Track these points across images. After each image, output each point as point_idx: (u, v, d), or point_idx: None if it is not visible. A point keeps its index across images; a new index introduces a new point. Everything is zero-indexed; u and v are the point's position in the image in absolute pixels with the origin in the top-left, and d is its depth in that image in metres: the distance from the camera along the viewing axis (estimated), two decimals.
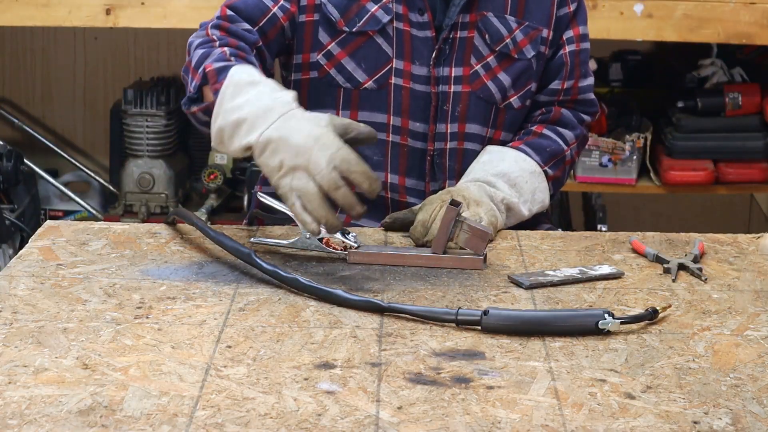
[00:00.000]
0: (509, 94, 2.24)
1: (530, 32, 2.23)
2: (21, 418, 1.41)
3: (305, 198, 1.83)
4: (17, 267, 1.89)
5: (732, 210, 4.66)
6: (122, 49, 4.56)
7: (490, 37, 2.21)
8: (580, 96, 2.32)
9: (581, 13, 2.30)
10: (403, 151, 2.22)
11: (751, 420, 1.45)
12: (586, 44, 2.31)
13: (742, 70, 4.09)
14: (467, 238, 1.94)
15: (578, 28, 2.29)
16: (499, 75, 2.23)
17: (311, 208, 1.82)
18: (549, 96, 2.30)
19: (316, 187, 1.82)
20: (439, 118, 2.22)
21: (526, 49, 2.23)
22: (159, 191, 4.24)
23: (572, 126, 2.31)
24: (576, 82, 2.31)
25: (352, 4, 2.18)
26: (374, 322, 1.72)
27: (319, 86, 2.21)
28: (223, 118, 1.94)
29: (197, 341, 1.64)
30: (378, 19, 2.18)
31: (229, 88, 1.95)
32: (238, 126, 1.91)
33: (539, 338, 1.67)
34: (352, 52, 2.19)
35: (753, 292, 1.87)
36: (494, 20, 2.21)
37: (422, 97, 2.20)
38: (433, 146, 2.23)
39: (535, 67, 2.25)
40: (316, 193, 1.82)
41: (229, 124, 1.92)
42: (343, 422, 1.42)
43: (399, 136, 2.21)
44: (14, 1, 3.63)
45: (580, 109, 2.33)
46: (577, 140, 2.31)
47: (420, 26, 2.19)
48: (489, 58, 2.22)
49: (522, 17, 2.23)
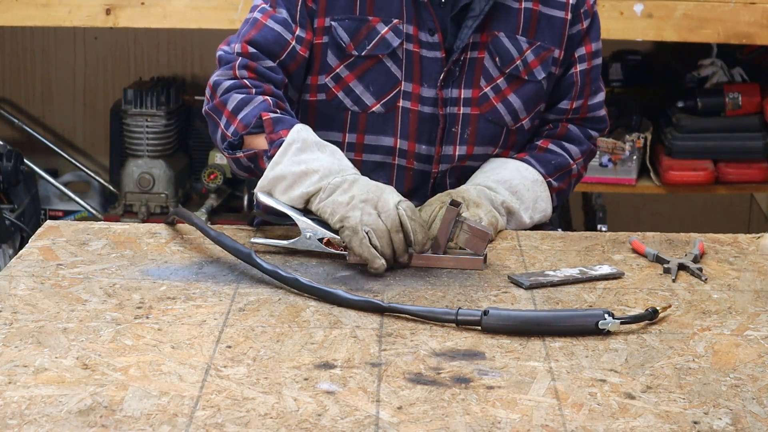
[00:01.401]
0: (521, 117, 2.22)
1: (541, 53, 2.20)
2: (21, 418, 1.41)
3: (375, 233, 1.89)
4: (17, 267, 1.89)
5: (732, 210, 4.66)
6: (122, 49, 4.56)
7: (500, 59, 2.18)
8: (589, 114, 2.30)
9: (594, 29, 2.26)
10: (408, 174, 2.21)
11: (751, 420, 1.45)
12: (598, 60, 2.28)
13: (742, 70, 4.08)
14: (467, 238, 1.94)
15: (591, 45, 2.26)
16: (509, 97, 2.20)
17: (381, 244, 1.89)
18: (557, 114, 2.28)
19: (384, 225, 1.88)
20: (447, 141, 2.19)
21: (537, 70, 2.20)
22: (159, 191, 4.24)
23: (579, 141, 2.29)
24: (586, 100, 2.28)
25: (362, 26, 2.15)
26: (374, 322, 1.72)
27: (327, 109, 2.19)
28: (285, 167, 1.98)
29: (197, 341, 1.64)
30: (388, 43, 2.15)
31: (297, 143, 2.00)
32: (306, 176, 1.97)
33: (539, 338, 1.67)
34: (360, 75, 2.17)
35: (753, 292, 1.87)
36: (505, 41, 2.18)
37: (429, 119, 2.18)
38: (438, 168, 2.21)
39: (545, 88, 2.23)
40: (385, 229, 1.89)
41: (295, 173, 1.97)
42: (343, 422, 1.42)
43: (405, 159, 2.20)
44: (14, 1, 3.63)
45: (588, 125, 2.31)
46: (584, 155, 2.30)
47: (430, 47, 2.16)
48: (499, 80, 2.19)
49: (534, 37, 2.19)
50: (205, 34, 4.28)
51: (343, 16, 2.15)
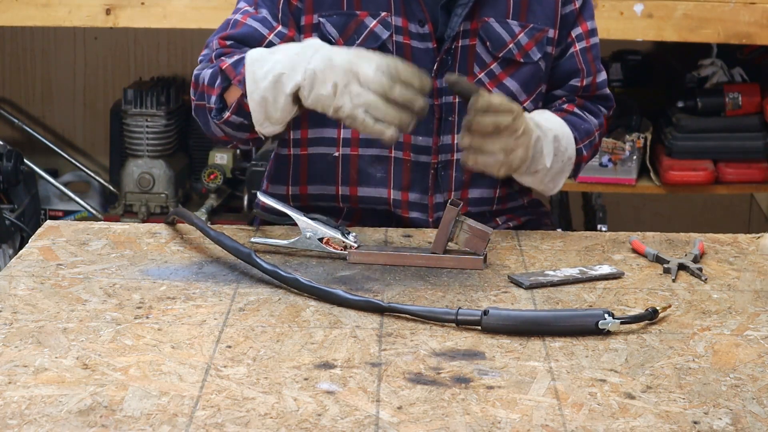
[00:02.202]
0: (521, 99, 2.21)
1: (535, 34, 2.20)
2: (21, 418, 1.41)
3: (371, 108, 1.86)
4: (17, 267, 1.89)
5: (732, 210, 4.67)
6: (122, 49, 4.56)
7: (491, 44, 2.18)
8: (598, 92, 2.30)
9: (588, 8, 2.26)
10: (406, 166, 2.20)
11: (751, 420, 1.45)
12: (595, 39, 2.28)
13: (742, 70, 4.09)
14: (467, 238, 1.94)
15: (586, 23, 2.26)
16: (505, 81, 2.20)
17: (381, 115, 1.86)
18: (568, 92, 2.27)
19: (375, 95, 1.86)
20: (444, 130, 2.19)
21: (532, 51, 2.20)
22: (159, 191, 4.24)
23: (596, 114, 2.29)
24: (594, 78, 2.28)
25: (350, 21, 2.15)
26: (374, 322, 1.72)
27: None
28: (259, 90, 1.96)
29: (197, 341, 1.64)
30: (377, 36, 2.15)
31: (253, 65, 1.97)
32: (278, 82, 1.93)
33: (539, 338, 1.67)
34: None
35: (753, 292, 1.87)
36: (496, 26, 2.18)
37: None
38: (438, 159, 2.20)
39: (543, 68, 2.23)
40: (378, 99, 1.86)
41: (268, 88, 1.94)
42: (343, 422, 1.42)
43: (401, 151, 2.19)
44: (14, 1, 3.63)
45: (599, 103, 2.31)
46: (601, 128, 2.29)
47: (421, 38, 2.16)
48: (492, 66, 2.19)
49: (525, 20, 2.19)
50: (205, 34, 4.24)
51: (330, 12, 2.15)
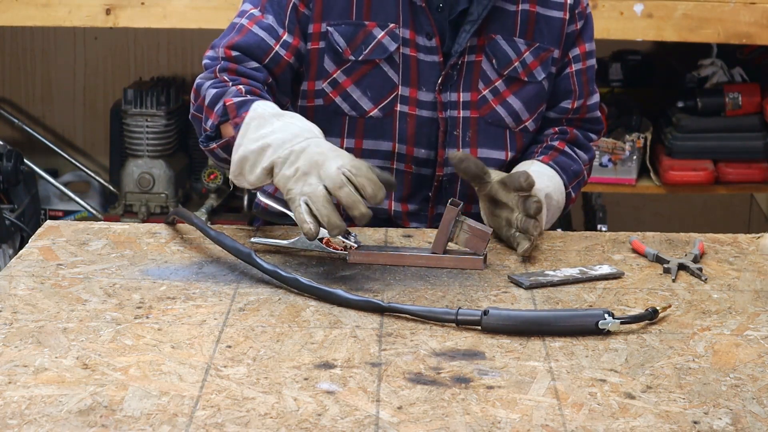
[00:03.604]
0: (524, 118, 2.21)
1: (541, 54, 2.20)
2: (21, 418, 1.41)
3: (311, 199, 1.83)
4: (17, 267, 1.89)
5: (732, 210, 4.67)
6: (122, 49, 4.56)
7: (497, 62, 2.18)
8: (588, 114, 2.30)
9: (588, 29, 2.26)
10: (407, 178, 2.20)
11: (751, 420, 1.45)
12: (592, 61, 2.28)
13: (742, 70, 4.09)
14: (467, 238, 1.94)
15: (584, 45, 2.26)
16: (509, 99, 2.20)
17: (315, 208, 1.83)
18: (559, 114, 2.27)
19: (323, 189, 1.83)
20: (449, 144, 2.19)
21: (537, 71, 2.20)
22: (159, 191, 4.24)
23: (586, 148, 2.30)
24: (585, 100, 2.28)
25: (359, 31, 2.15)
26: (374, 322, 1.72)
27: (325, 114, 2.18)
28: (246, 148, 1.94)
29: (197, 341, 1.64)
30: (384, 47, 2.15)
31: (254, 121, 1.95)
32: (263, 151, 1.91)
33: (539, 338, 1.67)
34: (357, 80, 2.16)
35: (753, 292, 1.87)
36: (502, 43, 2.18)
37: (428, 123, 2.18)
38: (443, 171, 2.20)
39: (546, 88, 2.23)
40: (322, 193, 1.83)
41: (254, 151, 1.93)
42: (343, 422, 1.42)
43: (403, 163, 2.19)
44: (14, 1, 3.63)
45: (587, 127, 2.31)
46: (590, 162, 2.31)
47: (427, 51, 2.16)
48: (497, 83, 2.19)
49: (532, 38, 2.19)
50: (205, 34, 4.27)
51: (339, 21, 2.15)
